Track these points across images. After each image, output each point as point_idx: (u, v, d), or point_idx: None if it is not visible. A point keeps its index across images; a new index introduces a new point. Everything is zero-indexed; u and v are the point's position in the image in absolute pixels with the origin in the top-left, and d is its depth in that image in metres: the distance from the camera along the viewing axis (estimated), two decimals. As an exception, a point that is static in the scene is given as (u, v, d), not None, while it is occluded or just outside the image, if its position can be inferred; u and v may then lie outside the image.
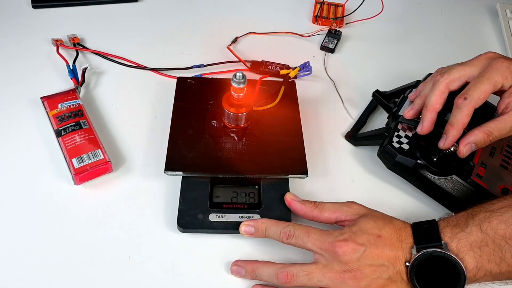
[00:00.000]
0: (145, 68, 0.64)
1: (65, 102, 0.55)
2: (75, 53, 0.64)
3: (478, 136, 0.46)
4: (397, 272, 0.40)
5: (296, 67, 0.61)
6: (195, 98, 0.56)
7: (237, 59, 0.65)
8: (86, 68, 0.61)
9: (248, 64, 0.65)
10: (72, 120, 0.53)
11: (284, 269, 0.42)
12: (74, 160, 0.50)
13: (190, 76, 0.61)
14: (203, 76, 0.59)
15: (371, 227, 0.42)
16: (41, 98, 0.57)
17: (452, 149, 0.47)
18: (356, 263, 0.40)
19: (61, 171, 0.51)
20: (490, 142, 0.46)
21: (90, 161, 0.50)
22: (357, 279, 0.40)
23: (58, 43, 0.65)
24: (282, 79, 0.59)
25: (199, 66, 0.64)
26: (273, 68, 0.65)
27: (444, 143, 0.47)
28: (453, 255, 0.39)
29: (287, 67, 0.65)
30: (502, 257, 0.39)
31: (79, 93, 0.59)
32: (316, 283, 0.41)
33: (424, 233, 0.42)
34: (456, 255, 0.40)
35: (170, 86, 0.59)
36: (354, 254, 0.40)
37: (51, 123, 0.54)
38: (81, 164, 0.50)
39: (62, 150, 0.52)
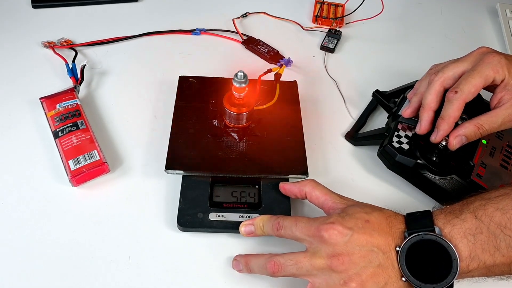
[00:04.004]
0: (142, 35, 0.68)
1: (63, 103, 0.55)
2: (71, 53, 0.64)
3: (468, 128, 0.46)
4: (387, 258, 0.39)
5: (282, 64, 0.61)
6: (197, 97, 0.56)
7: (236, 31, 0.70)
8: (84, 66, 0.60)
9: (245, 38, 0.69)
10: (70, 120, 0.53)
11: (271, 258, 0.41)
12: (70, 162, 0.50)
13: (192, 29, 0.70)
14: (204, 76, 0.59)
15: (358, 211, 0.41)
16: (40, 98, 0.56)
17: (444, 143, 0.47)
18: (344, 246, 0.39)
19: (60, 172, 0.51)
20: (480, 135, 0.47)
21: (86, 163, 0.50)
22: (345, 265, 0.38)
23: (51, 44, 0.65)
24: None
25: (201, 30, 0.70)
26: (262, 49, 0.67)
27: (436, 137, 0.47)
28: (446, 239, 0.39)
29: (276, 52, 0.67)
30: (497, 247, 0.38)
31: (78, 92, 0.58)
32: (305, 274, 0.40)
33: (416, 219, 0.41)
34: (449, 241, 0.39)
35: (170, 85, 0.59)
36: (341, 237, 0.39)
37: (49, 124, 0.54)
38: (78, 166, 0.49)
39: (59, 151, 0.51)
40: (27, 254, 0.45)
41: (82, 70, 0.60)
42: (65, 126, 0.53)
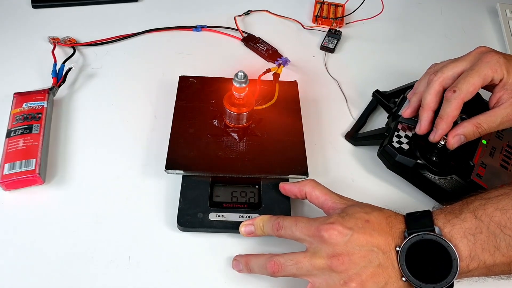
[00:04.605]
0: (143, 32, 0.69)
1: (31, 102, 0.53)
2: (72, 52, 0.64)
3: (467, 128, 0.46)
4: (387, 258, 0.39)
5: (280, 64, 0.62)
6: (197, 97, 0.56)
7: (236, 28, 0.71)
8: (70, 69, 0.60)
9: (245, 35, 0.69)
10: (27, 122, 0.51)
11: (271, 258, 0.41)
12: (6, 165, 0.48)
13: (193, 25, 0.70)
14: (204, 76, 0.59)
15: (358, 211, 0.41)
16: (14, 94, 0.55)
17: (442, 142, 0.47)
18: (344, 246, 0.39)
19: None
20: (479, 135, 0.47)
21: (20, 170, 0.47)
22: (345, 265, 0.38)
23: (55, 41, 0.65)
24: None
25: (202, 27, 0.70)
26: (261, 47, 0.68)
27: (434, 136, 0.47)
28: (445, 239, 0.39)
29: (274, 51, 0.68)
30: (497, 246, 0.38)
31: (54, 94, 0.57)
32: (305, 274, 0.40)
33: (416, 219, 0.41)
34: (449, 241, 0.39)
35: (170, 85, 0.59)
36: (341, 237, 0.39)
37: (8, 122, 0.52)
38: (11, 171, 0.47)
39: (3, 152, 0.49)
40: (28, 253, 0.45)
41: (66, 73, 0.59)
42: (20, 127, 0.50)
